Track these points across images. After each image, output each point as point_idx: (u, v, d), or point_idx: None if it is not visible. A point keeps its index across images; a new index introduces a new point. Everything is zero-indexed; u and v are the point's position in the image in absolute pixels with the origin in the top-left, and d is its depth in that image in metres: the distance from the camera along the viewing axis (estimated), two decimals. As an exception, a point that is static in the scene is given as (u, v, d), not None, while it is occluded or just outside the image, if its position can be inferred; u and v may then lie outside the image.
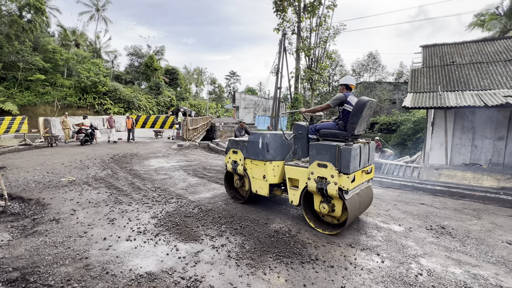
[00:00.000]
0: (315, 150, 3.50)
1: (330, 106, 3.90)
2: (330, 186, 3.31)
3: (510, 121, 8.15)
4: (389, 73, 34.39)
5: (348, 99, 3.77)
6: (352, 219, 3.51)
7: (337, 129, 3.77)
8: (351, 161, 3.23)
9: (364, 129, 3.83)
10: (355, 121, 3.52)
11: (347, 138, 3.60)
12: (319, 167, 3.41)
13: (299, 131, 4.11)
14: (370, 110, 3.73)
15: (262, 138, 4.12)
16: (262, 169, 4.14)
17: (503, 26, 21.29)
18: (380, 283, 2.52)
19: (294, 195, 3.84)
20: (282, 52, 14.57)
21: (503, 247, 3.39)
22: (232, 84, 73.40)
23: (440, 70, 10.28)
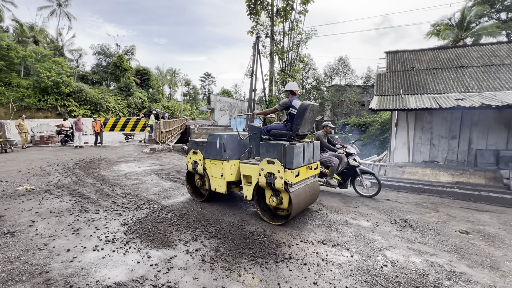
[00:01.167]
0: (264, 149, 3.87)
1: (277, 109, 4.37)
2: (277, 181, 3.68)
3: (461, 122, 9.03)
4: (358, 77, 36.26)
5: (292, 103, 4.19)
6: (297, 210, 3.91)
7: (285, 130, 4.17)
8: (294, 158, 3.66)
9: (309, 129, 4.30)
10: (299, 122, 3.94)
11: (293, 137, 4.02)
12: (268, 163, 3.77)
13: (253, 131, 4.47)
14: (312, 113, 4.18)
15: (219, 139, 4.39)
16: (220, 168, 4.42)
17: (455, 36, 23.51)
18: (349, 277, 2.66)
19: (248, 190, 4.17)
20: (256, 55, 14.73)
21: (456, 236, 3.74)
22: (207, 86, 72.48)
23: (402, 75, 11.08)
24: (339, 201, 5.47)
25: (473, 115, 8.95)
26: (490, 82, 9.29)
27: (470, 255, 3.17)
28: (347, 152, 5.74)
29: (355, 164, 5.66)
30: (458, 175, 7.26)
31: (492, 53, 11.01)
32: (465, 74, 10.09)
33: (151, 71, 46.26)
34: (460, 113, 8.98)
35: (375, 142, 20.47)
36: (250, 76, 15.04)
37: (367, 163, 10.28)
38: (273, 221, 3.99)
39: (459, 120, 9.03)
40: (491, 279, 2.66)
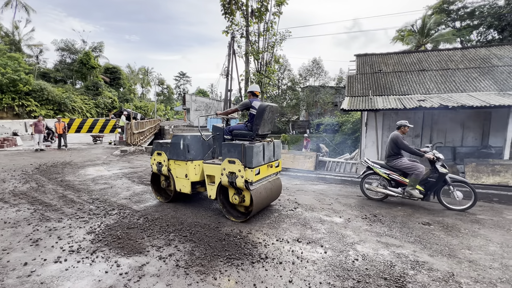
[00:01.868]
0: (226, 149, 4.00)
1: (238, 109, 4.52)
2: (238, 179, 3.83)
3: (423, 121, 9.74)
4: (331, 78, 37.58)
5: (253, 104, 4.32)
6: (259, 206, 4.10)
7: (246, 130, 4.31)
8: (254, 157, 3.82)
9: (269, 129, 4.48)
10: (258, 123, 4.11)
11: (253, 137, 4.17)
12: (229, 163, 3.90)
13: (217, 132, 4.56)
14: (272, 113, 4.34)
15: (183, 140, 4.45)
16: (184, 168, 4.48)
17: (417, 41, 25.30)
18: (323, 273, 2.73)
19: (212, 190, 4.27)
20: (231, 55, 14.66)
21: (419, 228, 4.02)
22: (182, 86, 70.66)
23: (370, 77, 11.68)
24: (314, 199, 5.62)
25: (433, 115, 9.69)
26: (447, 84, 10.14)
27: (431, 245, 3.42)
28: (436, 157, 4.88)
29: (444, 171, 4.81)
30: (421, 170, 7.82)
31: (449, 58, 12.03)
32: (426, 77, 10.92)
33: (121, 69, 44.04)
34: (422, 113, 9.68)
35: (347, 141, 21.35)
36: (226, 76, 14.93)
37: (340, 161, 10.69)
38: (236, 218, 4.12)
39: (421, 120, 9.74)
40: (449, 266, 2.89)
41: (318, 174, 8.49)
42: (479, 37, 23.66)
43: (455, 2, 24.70)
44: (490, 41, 21.85)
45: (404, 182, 5.10)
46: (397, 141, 5.12)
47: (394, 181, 5.25)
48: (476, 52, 12.06)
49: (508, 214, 4.75)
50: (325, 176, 8.23)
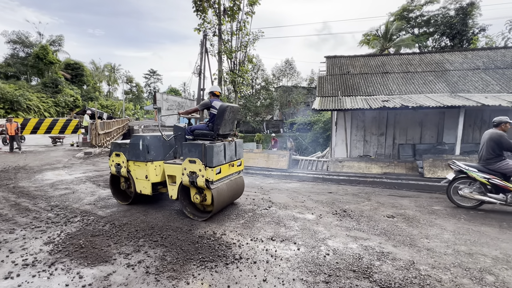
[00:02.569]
0: (187, 149, 4.04)
1: (198, 109, 4.57)
2: (199, 179, 3.87)
3: (387, 121, 10.42)
4: (303, 79, 38.66)
5: (213, 104, 4.39)
6: (220, 205, 4.18)
7: (207, 130, 4.36)
8: (214, 157, 3.89)
9: (230, 129, 4.58)
10: (219, 123, 4.18)
11: (214, 137, 4.24)
12: (190, 163, 3.93)
13: (178, 132, 4.57)
14: (232, 113, 4.44)
15: (142, 140, 4.38)
16: (144, 169, 4.41)
17: (381, 45, 26.96)
18: (296, 269, 2.79)
19: (173, 190, 4.26)
20: (203, 53, 14.38)
21: (384, 221, 4.28)
22: (153, 84, 67.85)
23: (339, 78, 12.21)
24: (287, 197, 5.73)
25: (396, 115, 10.41)
26: (407, 86, 10.95)
27: (395, 236, 3.67)
28: None
29: None
30: (386, 166, 8.36)
31: (408, 62, 12.99)
32: (389, 79, 11.69)
33: (85, 65, 41.08)
34: (386, 113, 10.34)
35: (319, 140, 22.09)
36: (198, 75, 14.62)
37: (312, 159, 11.03)
38: (198, 217, 4.14)
39: (385, 119, 10.41)
40: (410, 255, 3.11)
41: (292, 173, 8.67)
42: (434, 43, 25.88)
43: (414, 11, 26.74)
44: (443, 47, 24.00)
45: (508, 187, 4.45)
46: (501, 140, 4.44)
47: (494, 186, 4.58)
48: (432, 57, 13.17)
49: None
50: (298, 174, 8.43)
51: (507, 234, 3.73)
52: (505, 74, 10.60)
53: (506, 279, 2.60)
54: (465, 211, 4.79)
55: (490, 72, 10.94)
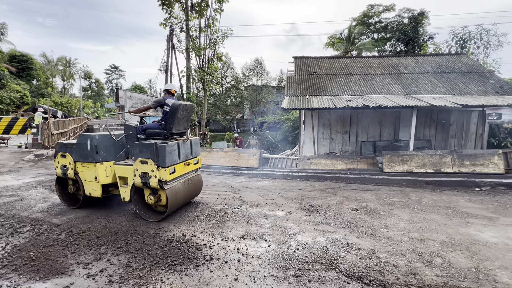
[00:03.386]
0: (138, 149, 3.94)
1: (151, 107, 4.47)
2: (151, 180, 3.81)
3: (351, 119, 11.05)
4: (273, 78, 39.26)
5: (166, 102, 4.29)
6: (176, 205, 4.13)
7: (160, 129, 4.28)
8: (167, 156, 3.83)
9: (185, 128, 4.57)
10: (171, 121, 4.13)
11: (167, 136, 4.18)
12: (141, 163, 3.85)
13: (129, 131, 4.44)
14: (186, 112, 4.43)
15: (90, 140, 4.21)
16: (93, 171, 4.24)
17: (345, 48, 28.47)
18: (267, 266, 2.83)
19: (125, 192, 4.15)
20: (170, 49, 13.84)
21: (349, 214, 4.54)
22: (115, 80, 63.45)
23: (307, 78, 12.63)
24: (258, 195, 5.78)
25: (358, 114, 11.07)
26: (368, 87, 11.72)
27: (358, 227, 3.91)
28: None
29: None
30: (350, 162, 8.87)
31: (369, 65, 13.91)
32: (352, 80, 12.39)
33: (34, 58, 36.96)
34: (349, 112, 10.95)
35: (288, 138, 22.64)
36: (165, 72, 14.04)
37: (282, 157, 11.27)
38: (154, 218, 4.04)
39: (349, 118, 11.03)
40: (372, 244, 3.35)
41: (262, 171, 8.77)
42: (391, 48, 28.04)
43: (373, 17, 28.67)
44: (398, 52, 26.11)
45: None
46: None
47: None
48: (389, 60, 14.25)
49: (413, 196, 5.78)
50: (269, 172, 8.56)
51: (451, 220, 4.20)
52: (449, 78, 11.89)
53: (451, 260, 2.93)
54: (418, 202, 5.29)
55: (437, 75, 12.19)
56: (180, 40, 15.40)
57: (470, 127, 10.39)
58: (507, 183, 6.35)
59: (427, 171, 7.54)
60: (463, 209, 4.77)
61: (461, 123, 10.44)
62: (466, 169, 7.32)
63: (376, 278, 2.57)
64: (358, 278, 2.58)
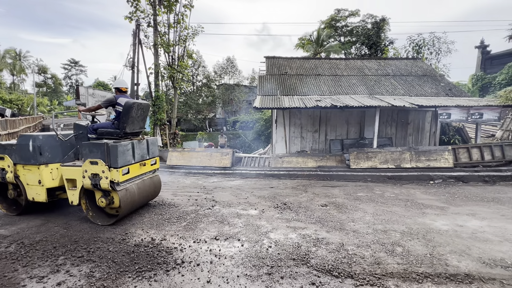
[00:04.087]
0: (87, 149, 3.78)
1: (101, 106, 4.28)
2: (102, 181, 3.65)
3: (320, 119, 11.47)
4: (245, 77, 39.22)
5: (118, 100, 4.18)
6: (131, 207, 3.99)
7: (112, 128, 4.15)
8: (120, 156, 3.71)
9: (141, 127, 4.44)
10: (125, 120, 4.01)
11: (121, 135, 4.06)
12: (91, 164, 3.68)
13: (79, 131, 4.30)
14: (141, 111, 4.33)
15: (32, 140, 3.96)
16: (37, 174, 3.97)
17: (314, 50, 29.43)
18: (240, 266, 2.82)
19: (73, 195, 3.93)
20: (137, 44, 13.12)
21: (319, 210, 4.71)
22: (75, 76, 58.57)
23: (278, 78, 12.84)
24: (231, 195, 5.75)
25: (327, 113, 11.53)
26: (336, 88, 12.27)
27: (327, 222, 4.07)
28: None
29: None
30: (320, 160, 9.21)
31: (337, 66, 14.56)
32: (321, 81, 12.87)
33: (-26, 49, 32.66)
34: (319, 112, 11.35)
35: (261, 137, 22.84)
36: (131, 68, 13.28)
37: (254, 156, 11.32)
38: (105, 221, 3.87)
39: (319, 117, 11.44)
40: (340, 238, 3.50)
41: (235, 170, 8.74)
42: (356, 51, 29.63)
43: (340, 21, 30.04)
44: (363, 55, 27.70)
45: None
46: None
47: None
48: (355, 63, 15.05)
49: (377, 190, 6.18)
50: (241, 171, 8.55)
51: (410, 212, 4.56)
52: (407, 80, 12.91)
53: (410, 248, 3.18)
54: (381, 196, 5.66)
55: (397, 78, 13.16)
56: (147, 35, 14.69)
57: (425, 125, 11.38)
58: (456, 176, 7.07)
59: (389, 167, 8.10)
60: (420, 200, 5.21)
61: (417, 122, 11.39)
62: (422, 164, 8.01)
63: (345, 270, 2.70)
64: (328, 271, 2.69)
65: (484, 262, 2.83)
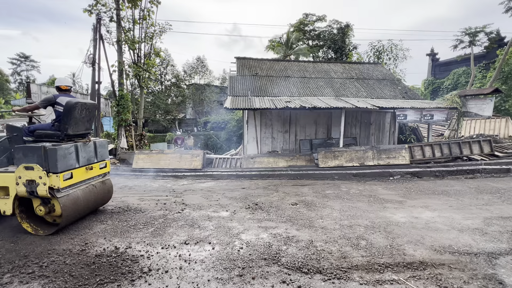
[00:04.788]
0: (21, 153, 3.48)
1: (39, 106, 4.01)
2: (40, 188, 3.37)
3: (290, 119, 11.76)
4: (216, 78, 38.73)
5: (58, 100, 3.90)
6: (74, 214, 3.74)
7: (52, 130, 3.89)
8: (60, 160, 3.47)
9: (86, 128, 4.18)
10: (66, 121, 3.74)
11: (62, 138, 3.78)
12: (26, 170, 3.38)
13: (14, 133, 3.93)
14: (86, 111, 4.07)
15: None
16: None
17: (284, 52, 30.11)
18: (211, 269, 2.77)
19: (6, 204, 3.56)
20: (98, 40, 12.24)
21: (289, 208, 4.82)
22: (25, 72, 52.75)
23: (249, 79, 12.90)
24: (202, 197, 5.63)
25: (296, 114, 11.86)
26: (305, 89, 12.68)
27: (297, 220, 4.17)
28: None
29: None
30: (290, 160, 9.45)
31: (305, 69, 15.06)
32: (290, 82, 13.21)
33: None
34: (289, 112, 11.63)
35: (233, 138, 22.73)
36: (92, 65, 12.35)
37: (226, 157, 11.23)
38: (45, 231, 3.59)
39: (289, 118, 11.72)
40: (309, 235, 3.61)
41: (206, 172, 8.58)
42: (323, 55, 30.93)
43: (308, 25, 31.11)
44: (329, 59, 29.01)
45: None
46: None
47: None
48: (322, 66, 15.70)
49: (343, 187, 6.50)
50: (213, 173, 8.43)
51: (373, 207, 4.87)
52: (369, 83, 13.81)
53: (373, 241, 3.39)
54: (347, 192, 5.96)
55: (360, 81, 14.02)
56: (110, 30, 13.80)
57: (385, 126, 12.26)
58: (412, 172, 7.72)
59: (354, 165, 8.57)
60: (381, 196, 5.59)
61: (378, 123, 12.22)
62: (383, 161, 8.61)
63: (314, 266, 2.79)
64: (298, 268, 2.75)
65: (435, 249, 3.13)
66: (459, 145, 8.85)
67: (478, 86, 19.07)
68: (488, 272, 2.64)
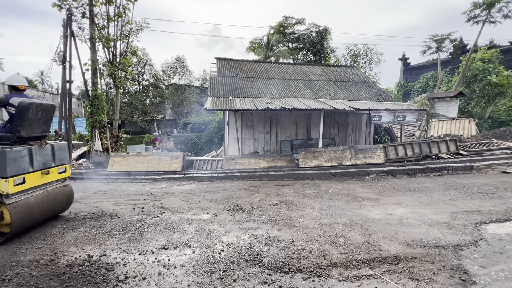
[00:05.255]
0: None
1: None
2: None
3: (271, 120, 11.86)
4: (196, 78, 38.11)
5: (10, 101, 3.73)
6: (26, 222, 3.54)
7: (3, 132, 3.73)
8: (9, 164, 3.33)
9: (43, 130, 4.00)
10: (19, 123, 3.58)
11: (14, 140, 3.62)
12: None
13: None
14: (43, 112, 3.90)
15: None
16: None
17: (265, 54, 30.34)
18: (191, 274, 2.71)
19: None
20: (69, 36, 11.55)
21: (271, 209, 4.85)
22: (-16, 69, 48.59)
23: (229, 80, 12.84)
24: (181, 200, 5.50)
25: (277, 115, 11.99)
26: (285, 91, 12.86)
27: (279, 221, 4.21)
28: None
29: None
30: (271, 160, 9.52)
31: (285, 71, 15.28)
32: (271, 84, 13.33)
33: None
34: (270, 114, 11.73)
35: (214, 139, 22.49)
36: (62, 63, 11.63)
37: (207, 159, 11.08)
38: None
39: (270, 119, 11.82)
40: (290, 235, 3.66)
41: (186, 174, 8.41)
42: (303, 57, 31.58)
43: (288, 28, 31.62)
44: (309, 61, 29.67)
45: None
46: None
47: None
48: (301, 68, 16.01)
49: (323, 187, 6.66)
50: (193, 175, 8.28)
51: (350, 205, 5.03)
52: (346, 85, 14.31)
53: (351, 238, 3.50)
54: (326, 192, 6.12)
55: (338, 83, 14.47)
56: (82, 27, 13.09)
57: (362, 126, 12.75)
58: (386, 170, 8.09)
59: (333, 165, 8.82)
60: (358, 194, 5.80)
61: (355, 123, 12.68)
62: (360, 161, 8.94)
63: (294, 265, 2.82)
64: (279, 268, 2.78)
65: (408, 244, 3.29)
66: (428, 144, 9.42)
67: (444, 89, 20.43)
68: (454, 263, 2.82)
